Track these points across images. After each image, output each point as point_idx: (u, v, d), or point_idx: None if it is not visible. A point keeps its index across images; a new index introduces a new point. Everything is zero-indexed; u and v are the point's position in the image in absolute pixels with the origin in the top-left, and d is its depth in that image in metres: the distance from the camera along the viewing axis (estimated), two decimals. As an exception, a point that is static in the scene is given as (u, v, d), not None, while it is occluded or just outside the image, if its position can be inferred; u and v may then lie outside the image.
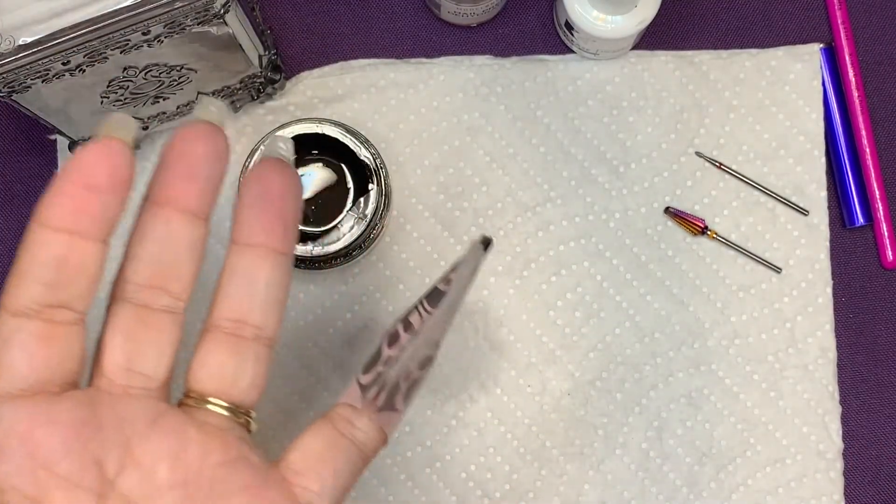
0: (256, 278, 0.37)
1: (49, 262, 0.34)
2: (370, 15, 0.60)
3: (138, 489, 0.34)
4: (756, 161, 0.60)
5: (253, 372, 0.37)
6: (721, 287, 0.59)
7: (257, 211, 0.37)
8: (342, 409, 0.38)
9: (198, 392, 0.37)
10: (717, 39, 0.61)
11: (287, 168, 0.37)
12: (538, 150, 0.60)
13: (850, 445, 0.59)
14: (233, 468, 0.35)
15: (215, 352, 0.37)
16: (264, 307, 0.37)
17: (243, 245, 0.37)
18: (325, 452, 0.37)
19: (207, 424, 0.36)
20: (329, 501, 0.37)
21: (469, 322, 0.59)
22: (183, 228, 0.36)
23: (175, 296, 0.36)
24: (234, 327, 0.37)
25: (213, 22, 0.48)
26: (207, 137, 0.35)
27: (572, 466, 0.58)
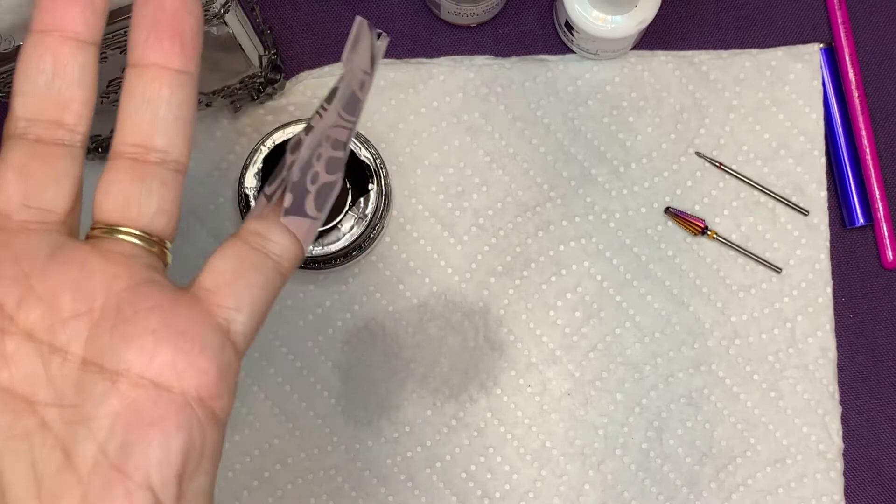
0: (155, 99, 0.35)
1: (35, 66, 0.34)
2: (370, 15, 0.60)
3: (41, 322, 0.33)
4: (756, 161, 0.60)
5: (159, 196, 0.35)
6: (721, 287, 0.59)
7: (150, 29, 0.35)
8: (252, 224, 0.36)
9: (104, 222, 0.35)
10: (717, 39, 0.61)
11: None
12: (538, 150, 0.60)
13: (851, 445, 0.59)
14: (140, 291, 0.33)
15: (118, 179, 0.35)
16: (167, 129, 0.35)
17: (139, 66, 0.35)
18: (238, 268, 0.35)
19: (113, 253, 0.34)
20: (247, 316, 0.35)
21: (469, 322, 0.59)
22: (70, 56, 0.34)
23: (69, 128, 0.35)
24: (137, 152, 0.35)
25: (213, 22, 0.48)
26: None
27: (572, 467, 0.58)
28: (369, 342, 0.59)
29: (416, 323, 0.59)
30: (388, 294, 0.59)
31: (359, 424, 0.58)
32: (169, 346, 0.33)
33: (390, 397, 0.58)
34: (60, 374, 0.33)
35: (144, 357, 0.33)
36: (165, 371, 0.33)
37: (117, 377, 0.33)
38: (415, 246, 0.59)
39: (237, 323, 0.34)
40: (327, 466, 0.58)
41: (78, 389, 0.33)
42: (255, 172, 0.54)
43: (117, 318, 0.33)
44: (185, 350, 0.33)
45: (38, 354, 0.33)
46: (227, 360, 0.34)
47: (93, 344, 0.33)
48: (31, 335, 0.33)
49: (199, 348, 0.33)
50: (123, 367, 0.33)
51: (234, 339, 0.34)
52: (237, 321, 0.34)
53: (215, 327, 0.34)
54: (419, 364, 0.58)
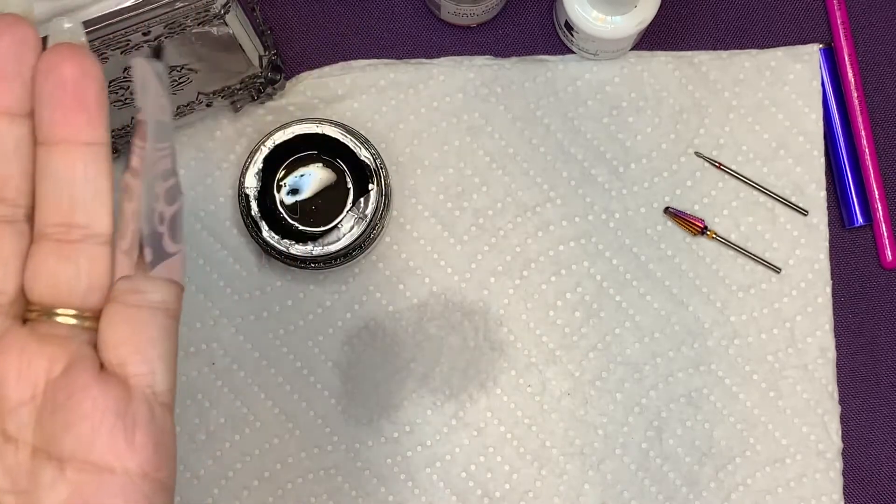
0: (69, 177, 0.34)
1: None
2: (370, 15, 0.61)
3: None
4: (756, 161, 0.60)
5: (88, 274, 0.35)
6: (721, 287, 0.59)
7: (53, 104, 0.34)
8: (121, 284, 0.36)
9: (39, 304, 0.35)
10: (716, 40, 0.61)
11: (78, 50, 0.34)
12: (538, 150, 0.60)
13: (850, 445, 0.59)
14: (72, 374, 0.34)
15: (45, 262, 0.34)
16: (86, 205, 0.34)
17: (48, 144, 0.34)
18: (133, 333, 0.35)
19: (51, 337, 0.34)
20: (164, 374, 0.35)
21: (469, 322, 0.59)
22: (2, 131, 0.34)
23: (11, 203, 0.34)
24: (60, 232, 0.34)
25: (214, 22, 0.48)
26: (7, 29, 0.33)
27: (572, 466, 0.58)
28: (369, 342, 0.59)
29: (416, 323, 0.59)
30: (388, 294, 0.59)
31: (359, 424, 0.58)
32: (104, 430, 0.34)
33: (390, 397, 0.58)
34: (15, 462, 0.33)
35: (84, 442, 0.33)
36: (105, 454, 0.34)
37: (64, 463, 0.33)
38: (415, 246, 0.59)
39: (157, 383, 0.35)
40: (327, 466, 0.58)
41: (30, 476, 0.33)
42: (255, 172, 0.54)
43: (55, 405, 0.34)
44: (120, 430, 0.34)
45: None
46: (159, 426, 0.35)
47: (40, 431, 0.34)
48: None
49: (133, 425, 0.34)
50: (67, 454, 0.33)
51: (161, 401, 0.35)
52: (156, 381, 0.35)
53: (141, 399, 0.35)
54: (419, 364, 0.58)
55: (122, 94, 0.52)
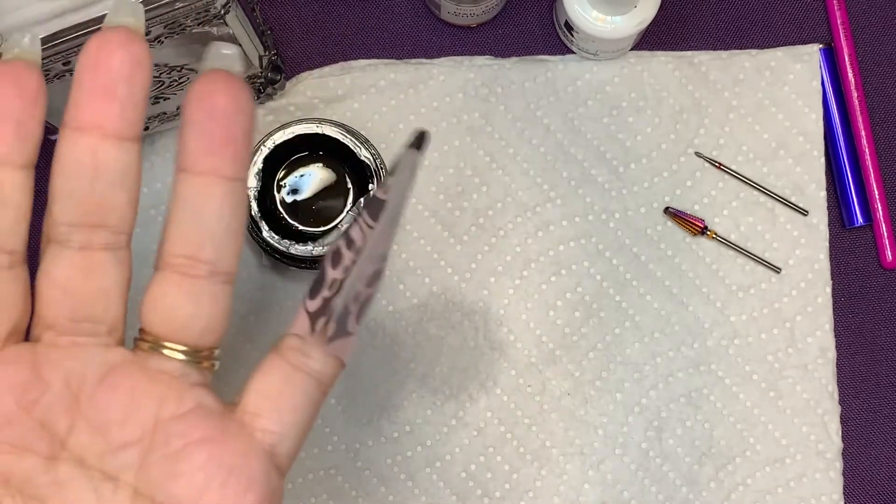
0: (206, 210, 0.33)
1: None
2: (370, 15, 0.61)
3: (91, 448, 0.33)
4: (756, 161, 0.60)
5: (209, 312, 0.34)
6: (721, 287, 0.59)
7: (202, 133, 0.33)
8: (292, 341, 0.35)
9: (152, 335, 0.34)
10: (716, 40, 0.61)
11: (233, 80, 0.33)
12: (538, 150, 0.60)
13: (850, 445, 0.59)
14: (189, 421, 0.33)
15: (167, 293, 0.33)
16: (217, 241, 0.33)
17: (189, 172, 0.33)
18: (282, 390, 0.34)
19: (161, 374, 0.33)
20: (292, 440, 0.34)
21: (469, 322, 0.59)
22: (110, 155, 0.32)
23: (114, 230, 0.33)
24: (186, 265, 0.33)
25: (214, 22, 0.48)
26: (123, 46, 0.32)
27: (572, 466, 0.58)
28: (369, 342, 0.59)
29: (416, 323, 0.59)
30: (388, 294, 0.59)
31: (359, 424, 0.58)
32: (216, 484, 0.33)
33: (390, 397, 0.58)
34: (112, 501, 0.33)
35: (193, 493, 0.33)
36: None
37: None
38: (415, 246, 0.59)
39: (282, 446, 0.34)
40: (327, 466, 0.58)
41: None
42: (255, 172, 0.54)
43: (166, 450, 0.33)
44: (233, 486, 0.33)
45: (90, 481, 0.33)
46: (272, 488, 0.34)
47: (143, 474, 0.33)
48: (82, 461, 0.33)
49: (246, 484, 0.33)
50: (173, 502, 0.33)
51: (278, 463, 0.34)
52: (283, 444, 0.34)
53: (261, 457, 0.34)
54: (419, 364, 0.58)
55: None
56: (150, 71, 0.33)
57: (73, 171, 0.32)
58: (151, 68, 0.33)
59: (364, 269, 0.35)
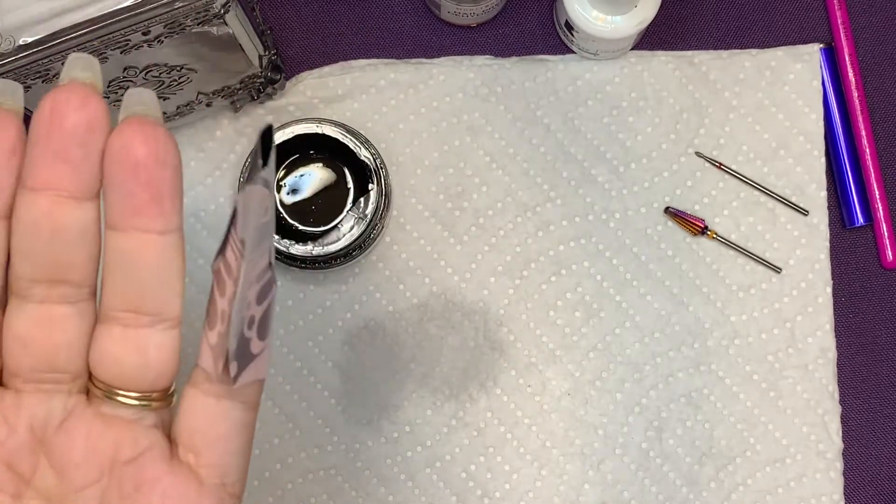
0: (140, 265, 0.32)
1: None
2: (370, 15, 0.60)
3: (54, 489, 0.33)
4: (756, 161, 0.60)
5: (157, 361, 0.33)
6: (721, 287, 0.59)
7: (124, 189, 0.31)
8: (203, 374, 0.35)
9: (103, 383, 0.34)
10: (717, 39, 0.61)
11: (153, 128, 0.31)
12: (538, 150, 0.60)
13: (850, 445, 0.59)
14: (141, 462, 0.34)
15: (111, 345, 0.33)
16: (156, 292, 0.33)
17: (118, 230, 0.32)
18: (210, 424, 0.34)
19: (116, 419, 0.34)
20: (236, 468, 0.35)
21: (469, 322, 0.59)
22: (67, 216, 0.32)
23: (76, 284, 0.33)
24: (128, 318, 0.33)
25: (214, 22, 0.48)
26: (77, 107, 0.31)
27: (572, 466, 0.58)
28: (369, 342, 0.59)
29: (416, 323, 0.59)
30: (388, 294, 0.59)
31: (359, 424, 0.58)
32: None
33: (390, 397, 0.58)
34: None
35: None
36: None
37: None
38: (415, 246, 0.59)
39: (229, 476, 0.35)
40: (327, 466, 0.58)
41: None
42: (255, 172, 0.54)
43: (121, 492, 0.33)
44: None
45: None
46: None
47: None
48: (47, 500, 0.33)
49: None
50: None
51: (230, 491, 0.35)
52: (228, 475, 0.35)
53: (211, 492, 0.34)
54: (419, 364, 0.58)
55: (122, 95, 0.52)
56: (107, 129, 0.31)
57: (30, 231, 0.32)
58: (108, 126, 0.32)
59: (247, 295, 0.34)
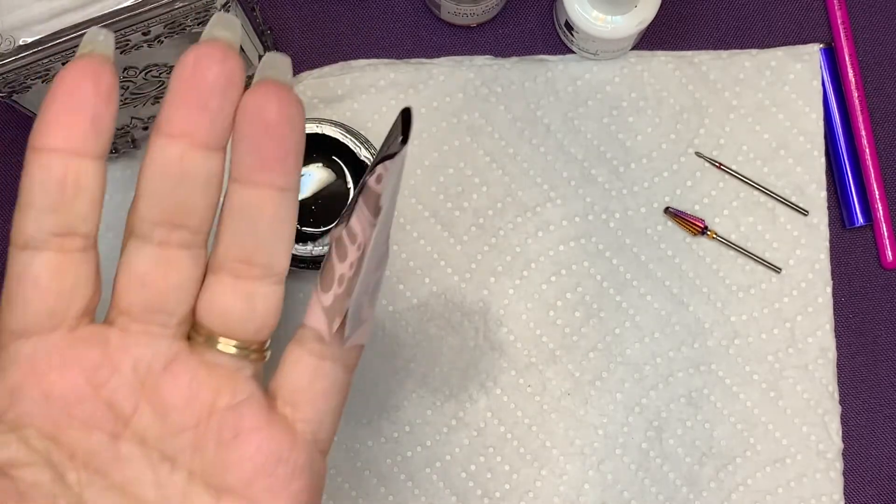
0: (259, 218, 0.35)
1: (47, 184, 0.33)
2: (370, 15, 0.61)
3: (151, 430, 0.35)
4: (756, 161, 0.60)
5: (262, 311, 0.36)
6: (721, 287, 0.59)
7: (254, 149, 0.34)
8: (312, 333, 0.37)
9: (207, 330, 0.36)
10: (717, 40, 0.61)
11: (286, 92, 0.34)
12: (538, 150, 0.60)
13: (850, 445, 0.59)
14: (241, 412, 0.35)
15: (222, 293, 0.35)
16: (270, 246, 0.35)
17: (242, 184, 0.35)
18: (311, 380, 0.36)
19: (217, 366, 0.35)
20: (329, 424, 0.37)
21: (469, 322, 0.59)
22: (196, 163, 0.34)
23: (193, 230, 0.35)
24: (240, 268, 0.35)
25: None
26: (218, 61, 0.33)
27: (572, 466, 0.58)
28: (369, 342, 0.59)
29: (416, 323, 0.59)
30: (388, 294, 0.59)
31: (359, 424, 0.58)
32: (265, 473, 0.35)
33: (390, 397, 0.58)
34: (169, 481, 0.35)
35: (243, 480, 0.35)
36: (263, 494, 0.35)
37: (220, 494, 0.35)
38: (415, 246, 0.59)
39: (322, 432, 0.37)
40: (327, 466, 0.58)
41: (184, 498, 0.35)
42: (255, 172, 0.54)
43: (220, 438, 0.35)
44: (280, 475, 0.35)
45: (148, 460, 0.35)
46: (316, 474, 0.36)
47: (198, 458, 0.35)
48: (143, 441, 0.35)
49: (292, 472, 0.35)
50: (225, 486, 0.35)
51: (321, 448, 0.37)
52: (322, 430, 0.37)
53: (305, 446, 0.36)
54: (419, 364, 0.58)
55: (122, 95, 0.52)
56: (242, 86, 0.34)
57: (160, 174, 0.34)
58: (244, 83, 0.34)
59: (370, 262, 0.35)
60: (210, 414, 0.35)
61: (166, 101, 0.34)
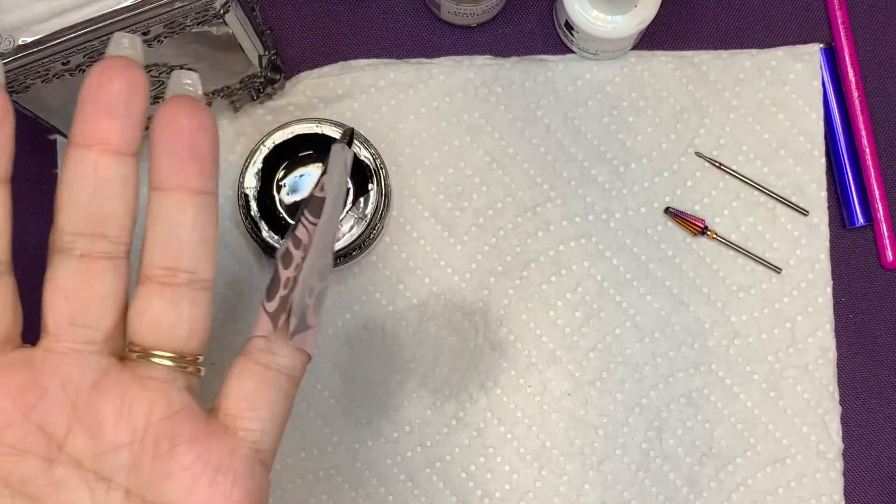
0: (180, 223, 0.36)
1: None
2: (370, 15, 0.60)
3: (87, 451, 0.35)
4: (756, 161, 0.60)
5: (191, 318, 0.36)
6: (721, 287, 0.59)
7: (170, 153, 0.36)
8: (258, 342, 0.38)
9: (139, 345, 0.36)
10: (717, 40, 0.61)
11: (196, 103, 0.36)
12: (538, 150, 0.60)
13: (850, 445, 0.59)
14: (176, 422, 0.35)
15: (150, 303, 0.36)
16: (193, 251, 0.36)
17: (161, 190, 0.36)
18: (256, 389, 0.37)
19: (150, 380, 0.36)
20: (272, 435, 0.37)
21: (469, 322, 0.59)
22: (111, 169, 0.35)
23: (113, 240, 0.35)
24: (166, 275, 0.36)
25: (213, 22, 0.48)
26: (123, 73, 0.35)
27: (572, 466, 0.58)
28: (369, 342, 0.59)
29: (416, 323, 0.59)
30: (388, 294, 0.59)
31: (359, 424, 0.58)
32: (205, 482, 0.35)
33: (390, 397, 0.58)
34: (105, 501, 0.35)
35: (182, 492, 0.35)
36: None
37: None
38: (415, 246, 0.59)
39: (264, 442, 0.37)
40: (327, 466, 0.58)
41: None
42: (254, 172, 0.54)
43: (156, 452, 0.35)
44: (220, 484, 0.35)
45: (84, 482, 0.35)
46: (257, 484, 0.36)
47: (135, 475, 0.35)
48: (78, 463, 0.35)
49: (233, 481, 0.35)
50: (163, 501, 0.35)
51: (262, 459, 0.37)
52: (263, 441, 0.37)
53: (244, 455, 0.36)
54: (419, 364, 0.58)
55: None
56: (146, 96, 0.35)
57: (77, 184, 0.35)
58: (148, 94, 0.36)
59: (314, 264, 0.37)
60: (145, 428, 0.35)
61: (77, 117, 0.35)
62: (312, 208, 0.38)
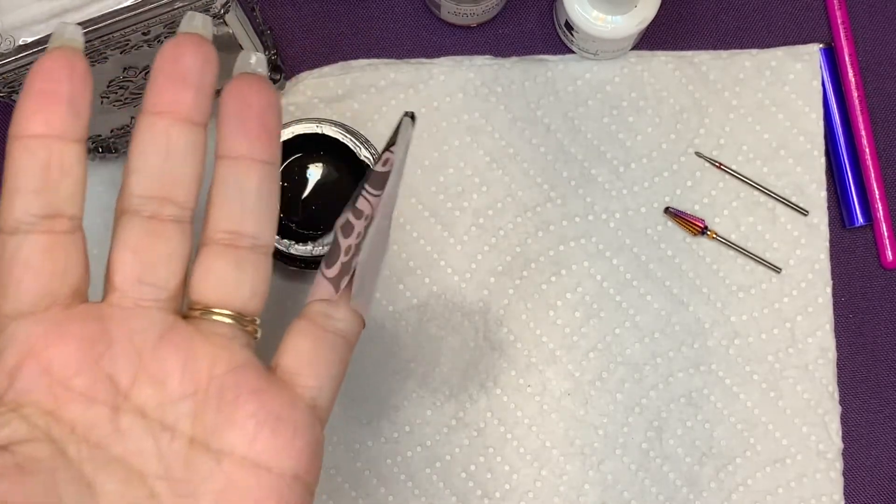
0: (246, 189, 0.37)
1: (32, 169, 0.35)
2: (370, 15, 0.61)
3: (151, 400, 0.35)
4: (756, 161, 0.60)
5: (253, 280, 0.37)
6: (721, 287, 0.59)
7: (239, 124, 0.37)
8: (317, 305, 0.39)
9: (202, 303, 0.37)
10: (716, 40, 0.61)
11: (264, 81, 0.38)
12: (538, 150, 0.60)
13: (850, 445, 0.59)
14: (240, 375, 0.36)
15: (215, 264, 0.37)
16: (257, 216, 0.38)
17: (229, 158, 0.37)
18: (315, 349, 0.38)
19: (214, 335, 0.37)
20: (329, 393, 0.38)
21: (469, 322, 0.59)
22: (181, 136, 0.36)
23: (181, 204, 0.37)
24: (231, 238, 0.37)
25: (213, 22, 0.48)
26: (195, 47, 0.36)
27: (572, 467, 0.58)
28: (369, 342, 0.59)
29: (416, 323, 0.59)
30: (388, 294, 0.59)
31: (359, 424, 0.58)
32: (267, 430, 0.36)
33: (390, 397, 0.58)
34: (170, 450, 0.35)
35: (246, 440, 0.36)
36: (265, 453, 0.36)
37: (222, 457, 0.36)
38: (415, 246, 0.59)
39: (321, 399, 0.38)
40: (327, 466, 0.58)
41: (186, 465, 0.35)
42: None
43: (220, 401, 0.36)
44: (282, 433, 0.36)
45: (149, 430, 0.35)
46: (316, 436, 0.37)
47: (199, 424, 0.36)
48: (143, 412, 0.35)
49: (294, 430, 0.36)
50: (227, 448, 0.36)
51: (319, 415, 0.38)
52: (321, 397, 0.38)
53: (305, 409, 0.37)
54: (419, 364, 0.58)
55: (122, 94, 0.52)
56: (216, 69, 0.37)
57: (148, 149, 0.36)
58: (218, 68, 0.37)
59: (374, 234, 0.39)
60: (209, 380, 0.36)
61: (150, 86, 0.37)
62: (375, 181, 0.39)
